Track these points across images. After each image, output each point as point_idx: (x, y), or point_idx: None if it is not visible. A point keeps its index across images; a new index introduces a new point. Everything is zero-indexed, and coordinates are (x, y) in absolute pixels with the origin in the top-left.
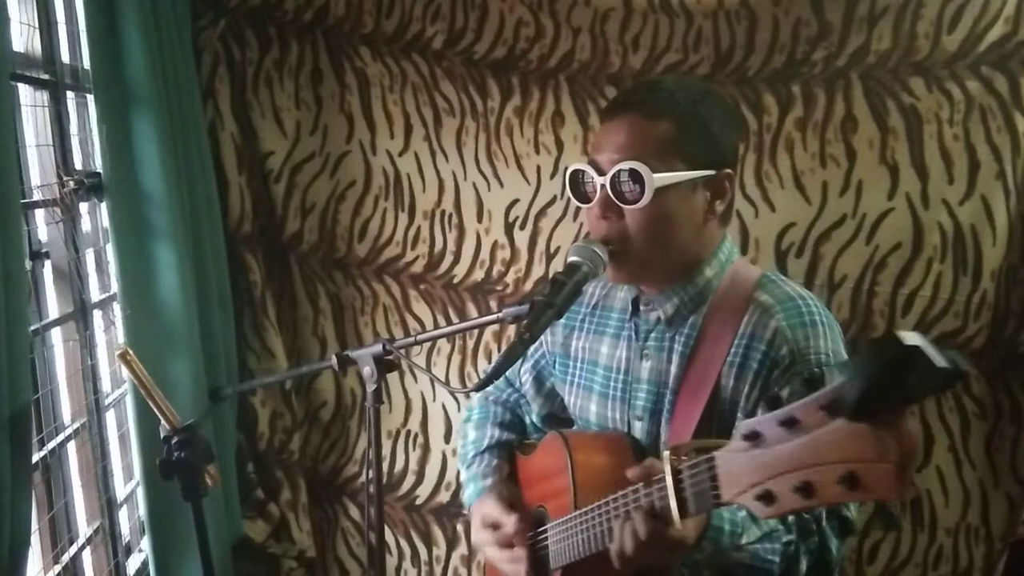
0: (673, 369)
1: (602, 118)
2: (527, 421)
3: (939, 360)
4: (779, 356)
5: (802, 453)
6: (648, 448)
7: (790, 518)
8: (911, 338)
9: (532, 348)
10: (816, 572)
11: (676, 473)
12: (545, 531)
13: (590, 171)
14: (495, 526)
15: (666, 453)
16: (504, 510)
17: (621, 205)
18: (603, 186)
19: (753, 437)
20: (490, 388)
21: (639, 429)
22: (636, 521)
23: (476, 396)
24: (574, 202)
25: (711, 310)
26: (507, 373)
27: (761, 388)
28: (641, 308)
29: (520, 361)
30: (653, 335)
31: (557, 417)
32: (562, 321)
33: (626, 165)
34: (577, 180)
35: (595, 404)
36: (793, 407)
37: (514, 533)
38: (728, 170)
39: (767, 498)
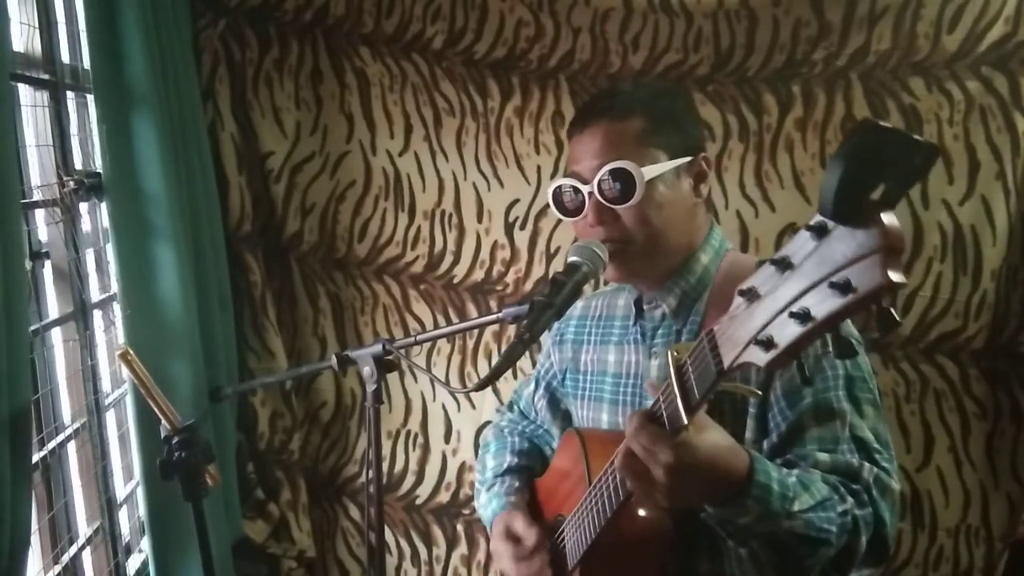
0: None
1: (571, 132)
2: (547, 453)
3: (914, 134)
4: None
5: (795, 283)
6: None
7: (841, 489)
8: (882, 122)
9: (542, 373)
10: (873, 546)
11: (680, 367)
12: (562, 533)
13: (575, 183)
14: (515, 539)
15: (670, 352)
16: (525, 523)
17: (614, 207)
18: (591, 194)
19: (748, 293)
20: (504, 422)
21: None
22: (631, 431)
23: (492, 429)
24: (566, 220)
25: (712, 297)
26: (522, 407)
27: None
28: (645, 308)
29: (532, 391)
30: (660, 332)
31: None
32: (571, 336)
33: (612, 166)
34: (560, 196)
35: (606, 413)
36: (784, 247)
37: (533, 546)
38: (703, 153)
39: (767, 344)
